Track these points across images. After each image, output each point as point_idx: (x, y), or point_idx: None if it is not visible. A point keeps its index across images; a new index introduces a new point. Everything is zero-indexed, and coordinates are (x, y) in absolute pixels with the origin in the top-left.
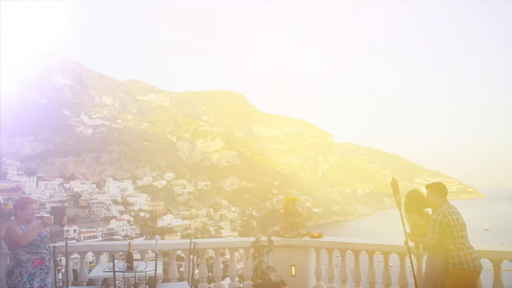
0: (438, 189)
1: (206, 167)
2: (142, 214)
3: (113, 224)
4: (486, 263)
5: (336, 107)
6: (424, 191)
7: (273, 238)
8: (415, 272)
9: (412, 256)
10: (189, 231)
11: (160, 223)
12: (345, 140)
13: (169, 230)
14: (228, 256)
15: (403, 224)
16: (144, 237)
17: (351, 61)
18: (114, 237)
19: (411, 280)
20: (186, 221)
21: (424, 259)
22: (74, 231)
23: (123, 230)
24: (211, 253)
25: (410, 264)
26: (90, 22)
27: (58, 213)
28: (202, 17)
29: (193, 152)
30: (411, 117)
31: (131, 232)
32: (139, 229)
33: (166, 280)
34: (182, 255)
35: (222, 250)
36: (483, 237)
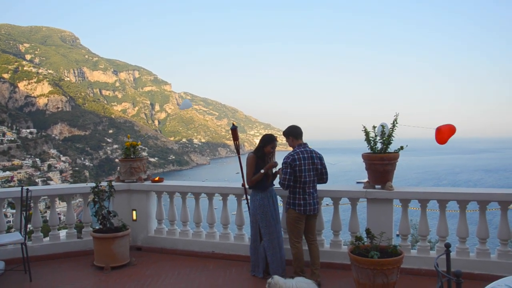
0: (291, 133)
1: (31, 113)
2: None
3: None
4: (328, 200)
5: (174, 55)
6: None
7: (113, 183)
8: (251, 211)
9: (248, 196)
10: (11, 184)
11: None
12: (182, 90)
13: None
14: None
15: (241, 168)
16: None
17: (187, 8)
18: None
19: (247, 221)
20: (8, 173)
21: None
22: None
23: None
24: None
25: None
26: None
27: None
28: None
29: (15, 96)
30: (245, 70)
31: None
32: None
33: None
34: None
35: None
36: None
